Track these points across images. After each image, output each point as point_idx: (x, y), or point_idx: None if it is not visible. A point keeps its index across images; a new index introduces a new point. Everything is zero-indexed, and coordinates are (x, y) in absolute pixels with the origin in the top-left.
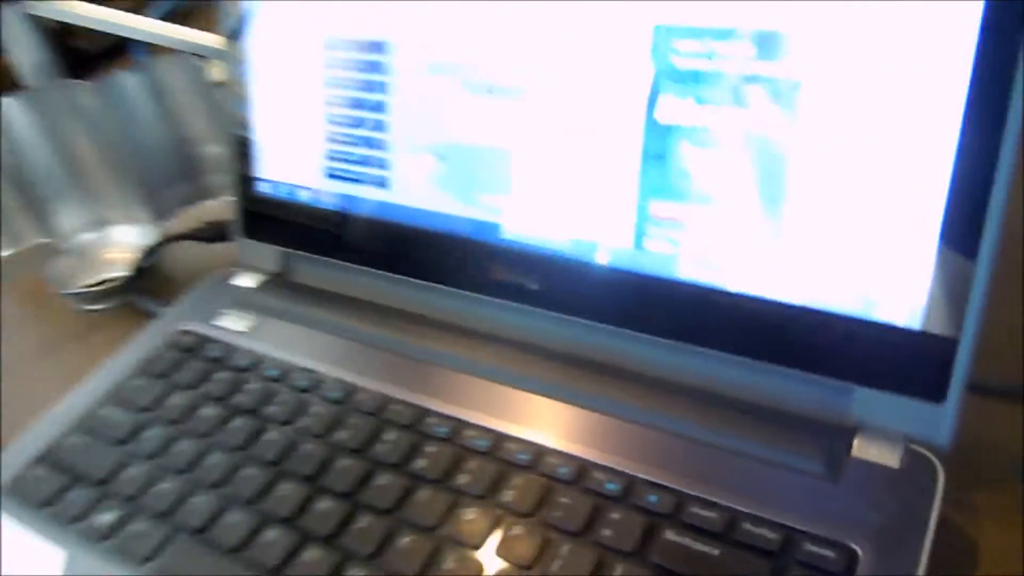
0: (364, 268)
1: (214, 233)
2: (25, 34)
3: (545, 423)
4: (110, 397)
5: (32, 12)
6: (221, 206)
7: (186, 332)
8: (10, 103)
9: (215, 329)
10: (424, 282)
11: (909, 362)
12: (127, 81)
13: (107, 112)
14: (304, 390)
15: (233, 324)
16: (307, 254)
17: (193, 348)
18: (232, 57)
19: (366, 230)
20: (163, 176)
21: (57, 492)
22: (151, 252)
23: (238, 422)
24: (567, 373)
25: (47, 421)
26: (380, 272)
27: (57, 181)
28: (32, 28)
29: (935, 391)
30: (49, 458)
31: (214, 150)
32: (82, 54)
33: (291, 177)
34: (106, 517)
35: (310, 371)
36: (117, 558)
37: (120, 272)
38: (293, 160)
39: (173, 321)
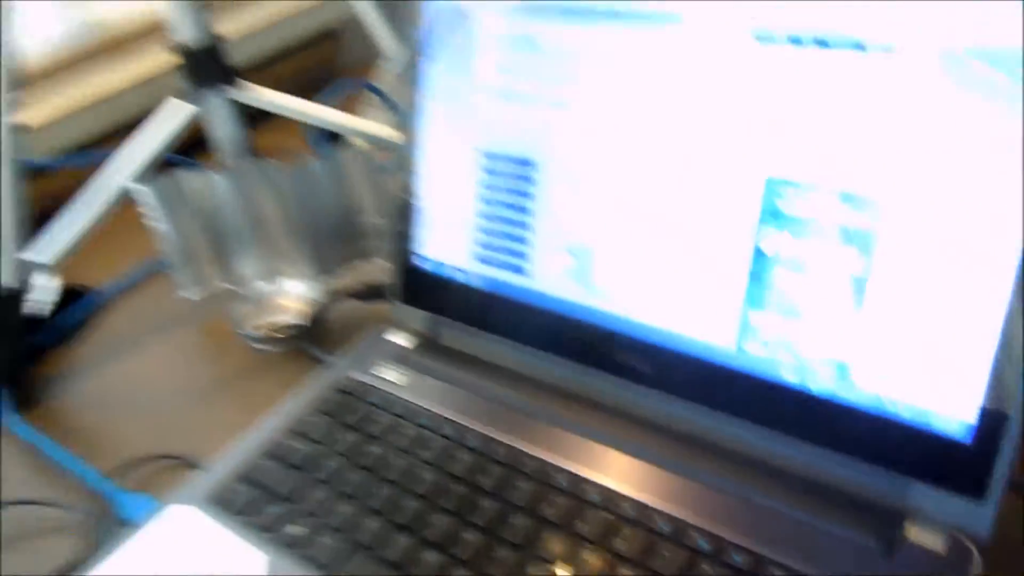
0: (502, 339)
1: (370, 293)
2: (226, 116)
3: (648, 485)
4: (291, 429)
5: (234, 97)
6: (376, 268)
7: (351, 379)
8: (217, 177)
9: (376, 379)
10: (552, 356)
11: (957, 465)
12: (311, 163)
13: (291, 185)
14: (449, 438)
15: (390, 377)
16: (453, 322)
17: (357, 394)
18: (402, 150)
19: (505, 308)
20: (330, 239)
21: (253, 505)
22: (319, 307)
23: (396, 461)
24: (670, 445)
25: (241, 444)
26: (515, 344)
27: (244, 238)
28: (232, 111)
29: (978, 490)
30: (246, 476)
31: (375, 220)
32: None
33: (444, 256)
34: (296, 530)
35: (454, 423)
36: (308, 564)
37: (290, 320)
38: (447, 242)
39: (340, 369)
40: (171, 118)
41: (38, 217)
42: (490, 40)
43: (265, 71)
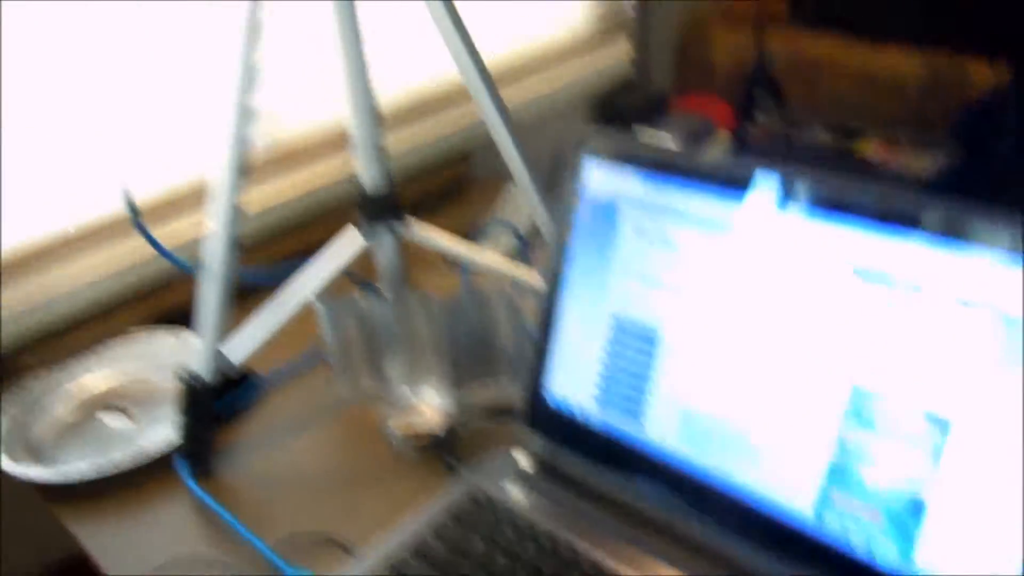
0: (610, 472)
1: (498, 411)
2: (391, 249)
3: None
4: (433, 530)
5: (401, 235)
6: (505, 390)
7: (482, 492)
8: (378, 300)
9: (503, 494)
10: (653, 493)
11: None
12: (460, 296)
13: (441, 313)
14: (568, 563)
15: (515, 495)
16: (570, 452)
17: (487, 507)
18: (543, 299)
19: (616, 447)
20: (468, 360)
21: None
22: (452, 417)
23: (520, 571)
24: None
25: (390, 537)
26: (622, 478)
27: (396, 352)
28: (397, 244)
29: None
30: (396, 569)
31: (508, 350)
32: None
33: (567, 393)
34: None
35: (572, 547)
36: None
37: (428, 426)
38: (572, 383)
39: (472, 480)
40: (347, 246)
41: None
42: (631, 231)
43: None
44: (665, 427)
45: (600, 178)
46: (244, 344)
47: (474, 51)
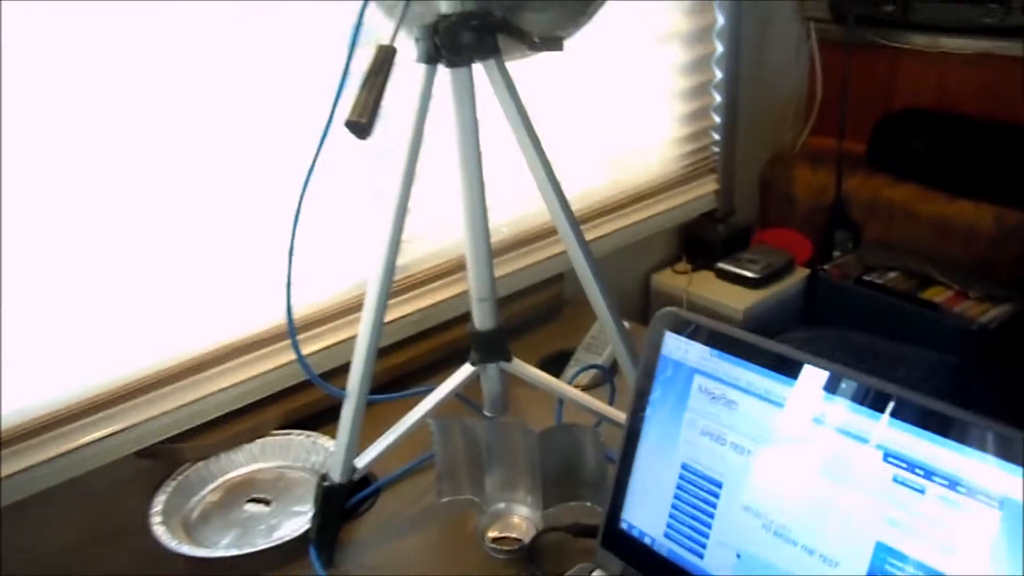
0: None
1: (578, 531)
2: (497, 381)
3: None
4: None
5: (507, 370)
6: (585, 512)
7: None
8: (482, 425)
9: None
10: None
11: None
12: (553, 428)
13: (536, 441)
14: None
15: None
16: (639, 573)
17: None
18: (623, 440)
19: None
20: (555, 483)
21: None
22: (539, 531)
23: None
24: None
25: None
26: None
27: (494, 468)
28: (501, 376)
29: None
30: None
31: (591, 476)
32: None
33: (640, 523)
34: None
35: None
36: None
37: (518, 537)
38: (644, 515)
39: None
40: (460, 377)
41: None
42: (700, 393)
43: (503, 305)
44: (722, 563)
45: (677, 345)
46: (370, 454)
47: (564, 201)
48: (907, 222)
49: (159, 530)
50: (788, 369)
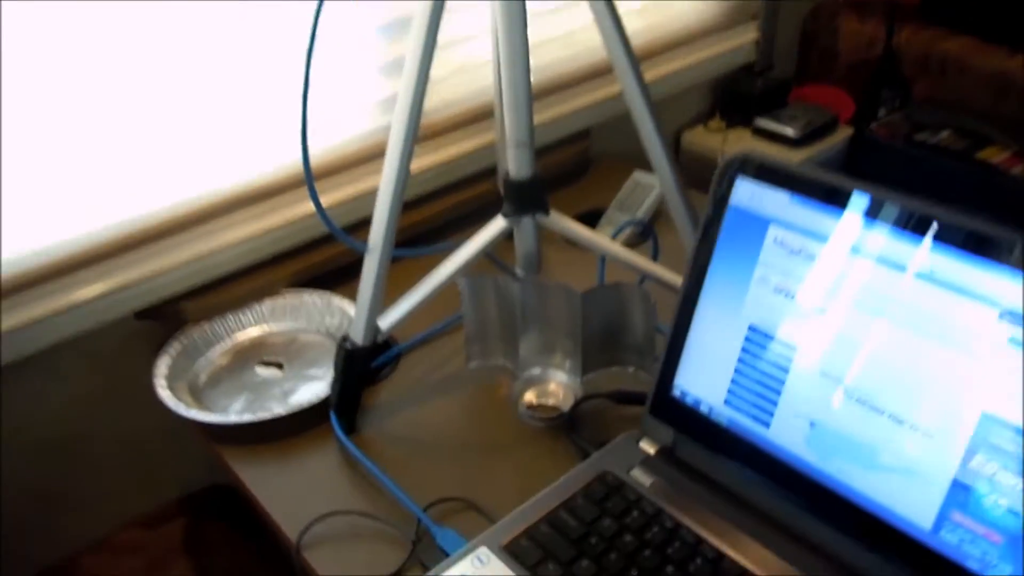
0: (737, 468)
1: (622, 397)
2: (532, 237)
3: None
4: (564, 504)
5: (544, 225)
6: (628, 378)
7: (610, 474)
8: (517, 283)
9: (630, 479)
10: (772, 490)
11: None
12: (597, 288)
13: (577, 301)
14: (692, 548)
15: (642, 479)
16: (692, 441)
17: (616, 488)
18: (681, 299)
19: (743, 445)
20: (597, 346)
21: (539, 562)
22: (577, 398)
23: (647, 553)
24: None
25: (526, 507)
26: (741, 471)
27: (529, 332)
28: (537, 233)
29: None
30: (531, 536)
31: (636, 340)
32: None
33: (696, 389)
34: None
35: (695, 534)
36: None
37: (555, 404)
38: (701, 380)
39: (600, 461)
40: (492, 231)
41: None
42: (774, 246)
43: None
44: (792, 433)
45: (750, 192)
46: (394, 316)
47: (622, 30)
48: (961, 78)
49: (164, 394)
50: (887, 217)
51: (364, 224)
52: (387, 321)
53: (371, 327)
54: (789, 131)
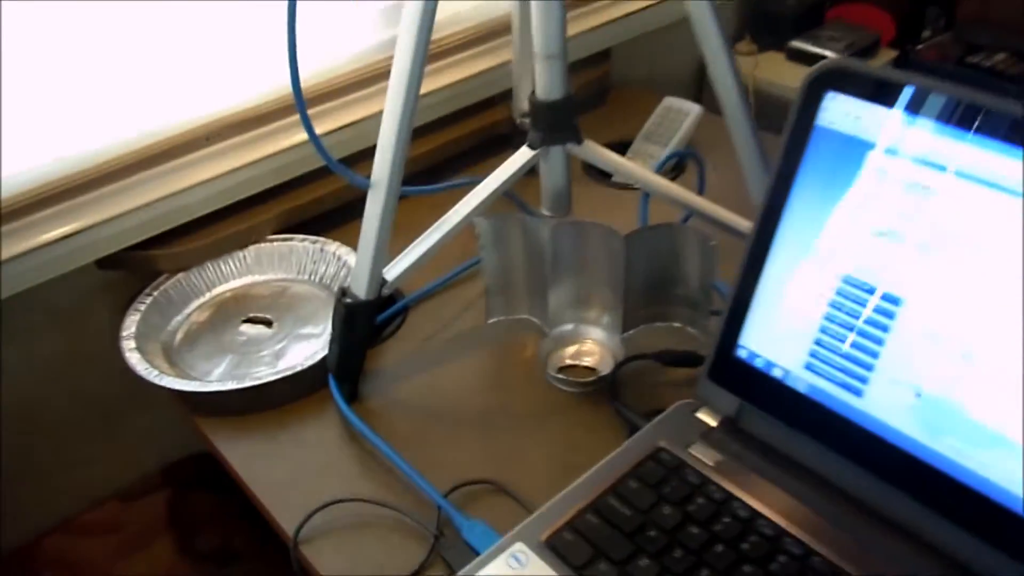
0: (811, 441)
1: (672, 359)
2: (561, 170)
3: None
4: (613, 489)
5: (576, 155)
6: (673, 335)
7: (665, 451)
8: (546, 225)
9: (689, 457)
10: (862, 471)
11: None
12: (645, 230)
13: (619, 246)
14: (769, 539)
15: (703, 456)
16: (761, 412)
17: (675, 468)
18: (750, 246)
19: (827, 417)
20: (641, 298)
21: (588, 561)
22: (617, 359)
23: (719, 549)
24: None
25: (567, 494)
26: (825, 449)
27: (559, 282)
28: (567, 166)
29: None
30: (576, 528)
31: (687, 292)
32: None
33: (768, 352)
34: None
35: (773, 524)
36: None
37: (592, 366)
38: (776, 342)
39: (652, 436)
40: (517, 163)
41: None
42: (878, 180)
43: None
44: (892, 404)
45: (844, 110)
46: (402, 263)
47: None
48: None
49: (132, 357)
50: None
51: (363, 157)
52: (394, 271)
53: (376, 278)
54: (828, 53)
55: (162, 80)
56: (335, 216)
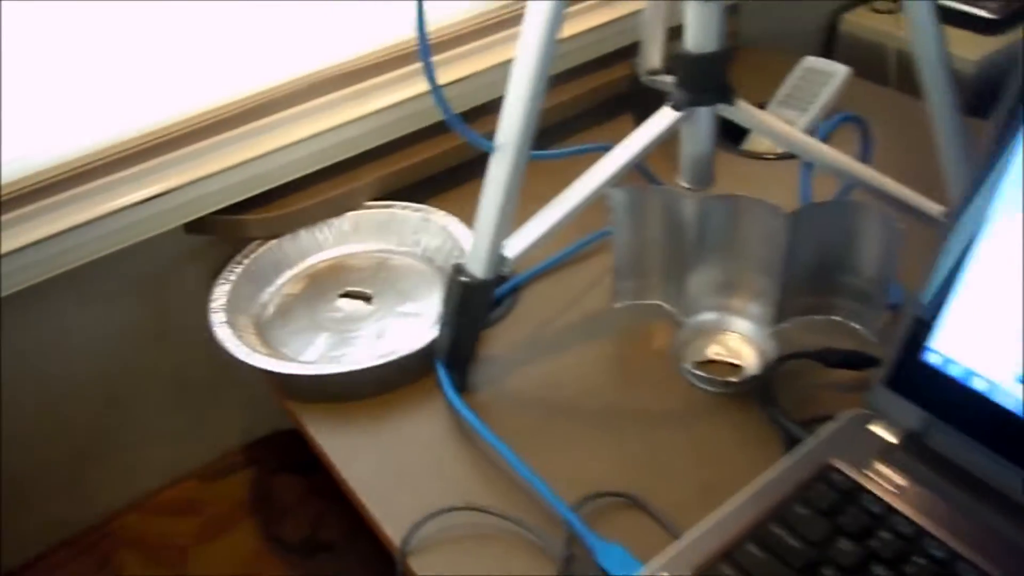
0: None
1: (837, 359)
2: (706, 135)
3: None
4: (773, 515)
5: (728, 117)
6: (835, 330)
7: (836, 470)
8: (697, 200)
9: (868, 480)
10: None
11: None
12: (811, 207)
13: (778, 225)
14: None
15: (884, 480)
16: (958, 431)
17: (850, 493)
18: (952, 232)
19: None
20: (799, 286)
21: None
22: (768, 357)
23: None
24: None
25: (717, 517)
26: None
27: (701, 264)
28: (714, 130)
29: None
30: (734, 559)
31: (857, 281)
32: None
33: (971, 360)
34: None
35: (976, 567)
36: None
37: (739, 363)
38: (981, 348)
39: (820, 453)
40: (659, 125)
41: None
42: None
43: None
44: None
45: None
46: (524, 238)
47: None
48: None
49: (222, 332)
50: None
51: (476, 115)
52: (515, 247)
53: (495, 254)
54: (984, 12)
55: (259, 31)
56: (438, 182)
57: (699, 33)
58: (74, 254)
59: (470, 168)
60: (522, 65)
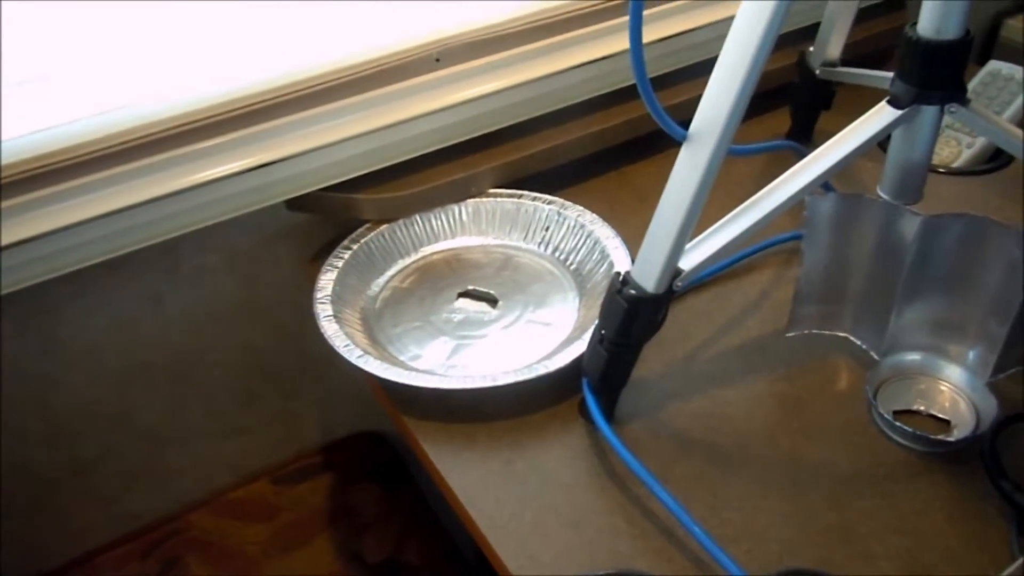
0: None
1: None
2: (928, 139)
3: None
4: None
5: (960, 119)
6: None
7: None
8: (927, 217)
9: None
10: None
11: None
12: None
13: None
14: None
15: None
16: None
17: None
18: None
19: None
20: (1022, 331)
21: None
22: (987, 414)
23: None
24: None
25: None
26: None
27: (919, 292)
28: (935, 135)
29: None
30: None
31: None
32: None
33: None
34: None
35: None
36: None
37: (938, 414)
38: None
39: None
40: (875, 125)
41: None
42: None
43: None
44: None
45: None
46: (702, 250)
47: None
48: None
49: (329, 328)
50: None
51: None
52: (692, 259)
53: (673, 265)
54: None
55: None
56: (572, 171)
57: (939, 16)
58: (165, 226)
59: (609, 157)
60: (744, 31)
